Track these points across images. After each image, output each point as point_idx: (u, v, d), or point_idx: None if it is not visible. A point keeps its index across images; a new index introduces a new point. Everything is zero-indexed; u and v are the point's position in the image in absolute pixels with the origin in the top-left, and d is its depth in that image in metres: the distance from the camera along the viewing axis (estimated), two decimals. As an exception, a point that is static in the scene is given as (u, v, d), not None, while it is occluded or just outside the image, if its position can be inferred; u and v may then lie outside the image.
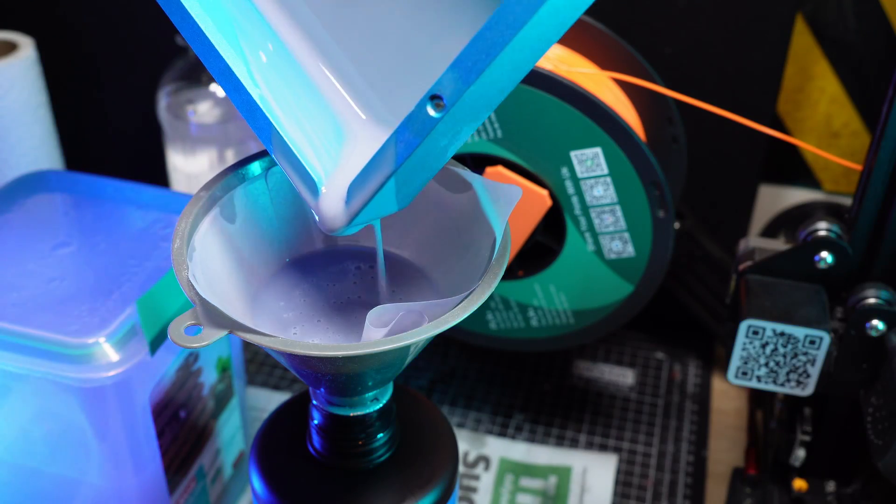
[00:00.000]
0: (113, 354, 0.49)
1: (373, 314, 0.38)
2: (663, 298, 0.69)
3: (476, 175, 0.43)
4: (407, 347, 0.37)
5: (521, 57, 0.32)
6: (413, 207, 0.46)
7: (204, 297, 0.37)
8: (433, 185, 0.45)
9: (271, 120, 0.38)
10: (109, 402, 0.50)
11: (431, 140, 0.35)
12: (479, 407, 0.76)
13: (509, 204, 0.42)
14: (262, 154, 0.45)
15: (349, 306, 0.45)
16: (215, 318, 0.37)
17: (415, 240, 0.46)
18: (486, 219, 0.42)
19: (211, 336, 0.37)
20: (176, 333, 0.37)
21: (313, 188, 0.38)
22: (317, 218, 0.39)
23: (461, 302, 0.38)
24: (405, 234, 0.46)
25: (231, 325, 0.37)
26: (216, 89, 0.78)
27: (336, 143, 0.40)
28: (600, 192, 0.59)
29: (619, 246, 0.61)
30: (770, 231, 0.81)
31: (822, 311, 0.55)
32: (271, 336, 0.37)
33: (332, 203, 0.38)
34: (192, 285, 0.38)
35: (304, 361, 0.39)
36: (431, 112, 0.34)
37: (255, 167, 0.44)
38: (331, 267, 0.47)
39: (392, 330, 0.37)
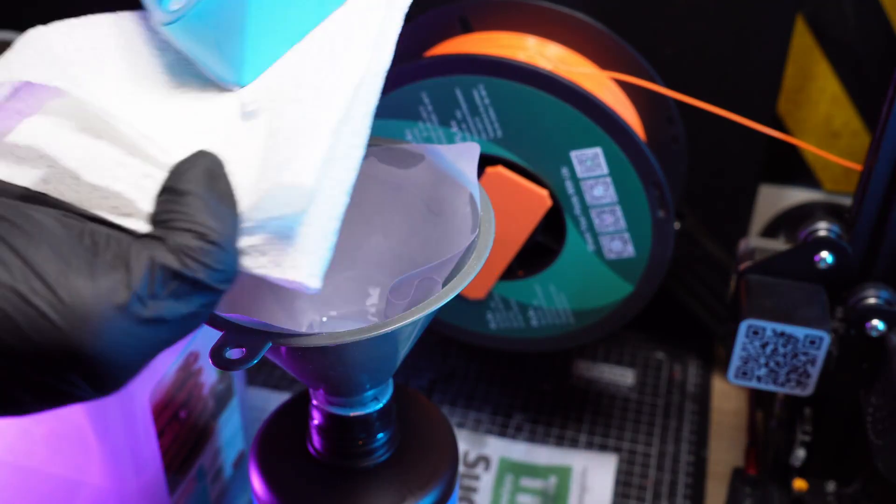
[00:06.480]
0: (113, 354, 0.49)
1: (394, 288, 0.39)
2: (663, 298, 0.69)
3: (425, 144, 0.44)
4: (396, 333, 0.37)
5: None
6: (370, 195, 0.46)
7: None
8: (383, 168, 0.45)
9: None
10: (109, 402, 0.50)
11: None
12: (479, 407, 0.76)
13: (472, 159, 0.42)
14: None
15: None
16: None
17: (380, 225, 0.46)
18: (453, 180, 0.43)
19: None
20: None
21: None
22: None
23: (464, 262, 0.39)
24: (368, 222, 0.46)
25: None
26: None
27: None
28: (600, 192, 0.59)
29: (619, 246, 0.61)
30: (770, 231, 0.81)
31: (822, 311, 0.55)
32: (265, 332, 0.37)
33: None
34: None
35: (299, 355, 0.40)
36: None
37: None
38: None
39: (412, 301, 0.38)
